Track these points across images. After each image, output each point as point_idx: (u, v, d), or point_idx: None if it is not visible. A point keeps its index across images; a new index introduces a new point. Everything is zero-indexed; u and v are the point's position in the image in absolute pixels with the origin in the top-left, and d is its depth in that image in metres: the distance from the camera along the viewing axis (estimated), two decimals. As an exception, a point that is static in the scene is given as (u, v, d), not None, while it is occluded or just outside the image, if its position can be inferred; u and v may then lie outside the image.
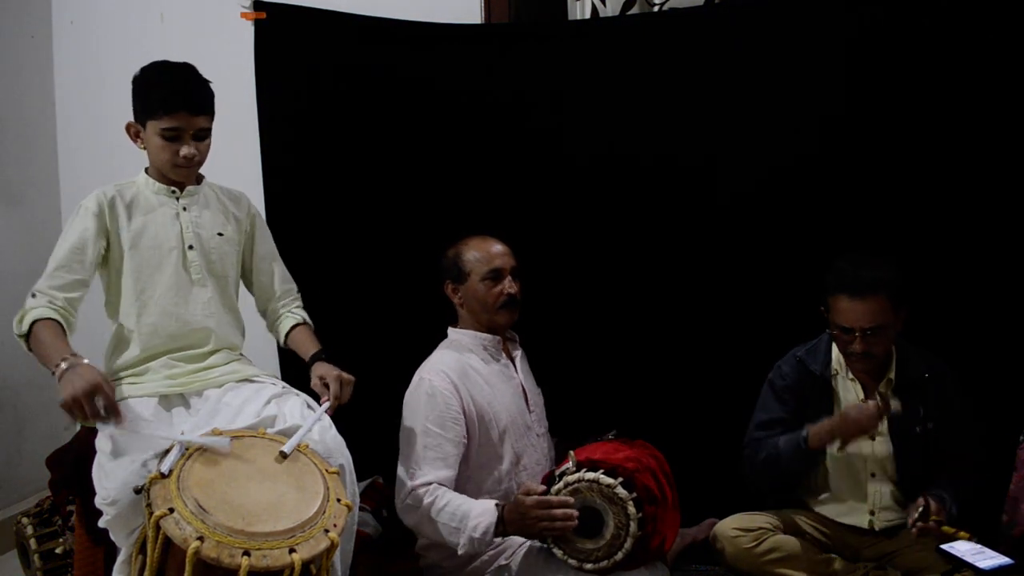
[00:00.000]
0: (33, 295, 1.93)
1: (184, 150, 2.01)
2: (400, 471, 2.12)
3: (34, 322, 1.87)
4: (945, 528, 2.04)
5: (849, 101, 2.49)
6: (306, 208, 2.74)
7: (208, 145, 2.09)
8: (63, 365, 1.74)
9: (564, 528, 1.95)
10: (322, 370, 2.05)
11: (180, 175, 2.08)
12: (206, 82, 2.05)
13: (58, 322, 1.89)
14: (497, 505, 2.02)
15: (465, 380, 2.18)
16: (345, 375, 2.02)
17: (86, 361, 1.76)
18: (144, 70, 2.04)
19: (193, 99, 2.01)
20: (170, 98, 1.99)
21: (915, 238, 2.45)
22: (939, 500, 2.08)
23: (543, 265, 2.54)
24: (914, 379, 2.24)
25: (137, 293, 2.04)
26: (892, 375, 2.26)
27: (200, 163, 2.09)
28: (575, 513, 1.95)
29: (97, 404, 1.69)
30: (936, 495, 2.10)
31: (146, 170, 2.12)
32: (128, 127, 2.06)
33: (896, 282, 2.17)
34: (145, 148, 2.06)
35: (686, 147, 2.63)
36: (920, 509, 2.06)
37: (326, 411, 1.96)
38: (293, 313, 2.25)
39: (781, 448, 2.24)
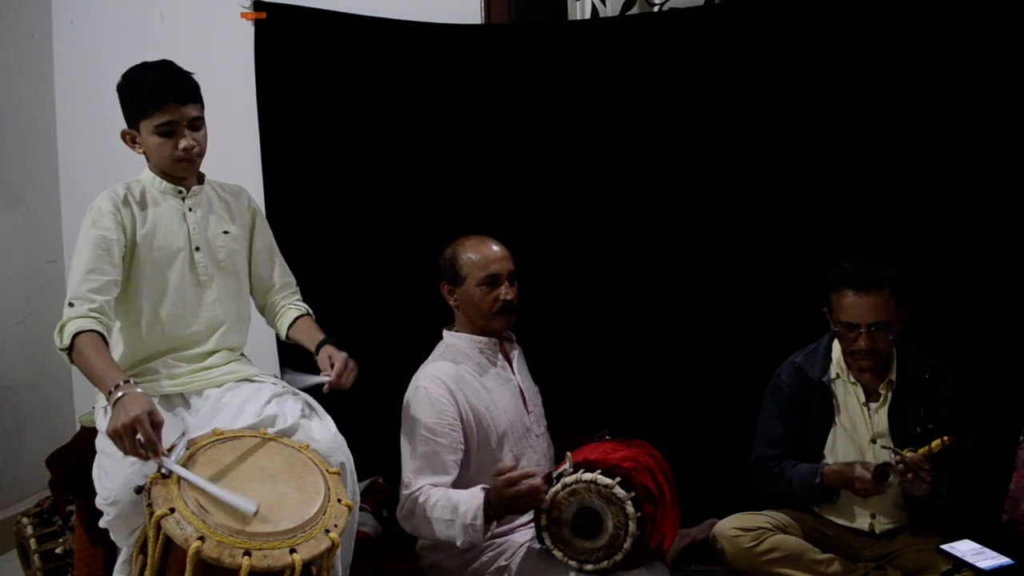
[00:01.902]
0: (70, 304, 1.87)
1: (182, 142, 2.00)
2: (402, 481, 2.11)
3: (75, 335, 1.83)
4: (922, 450, 2.07)
5: (849, 100, 2.49)
6: (306, 207, 2.75)
7: (205, 135, 2.06)
8: (117, 394, 1.70)
9: (538, 501, 1.93)
10: (331, 351, 2.03)
11: (183, 169, 2.05)
12: (188, 73, 2.04)
13: (99, 333, 1.84)
14: (483, 489, 1.99)
15: (462, 386, 2.16)
16: (352, 360, 2.01)
17: (139, 390, 1.72)
18: (125, 76, 2.02)
19: (179, 89, 2.00)
20: (157, 93, 1.98)
21: (916, 239, 2.45)
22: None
23: (543, 263, 2.55)
24: (915, 380, 2.25)
25: (144, 294, 2.03)
26: (893, 376, 2.26)
27: (201, 154, 2.06)
28: (539, 484, 1.92)
29: (136, 441, 1.65)
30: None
31: (150, 169, 2.10)
32: (123, 135, 2.04)
33: (899, 278, 2.18)
34: (145, 152, 2.05)
35: (686, 147, 2.64)
36: (894, 455, 2.10)
37: (324, 384, 1.95)
38: (295, 305, 2.24)
39: (796, 485, 2.26)
